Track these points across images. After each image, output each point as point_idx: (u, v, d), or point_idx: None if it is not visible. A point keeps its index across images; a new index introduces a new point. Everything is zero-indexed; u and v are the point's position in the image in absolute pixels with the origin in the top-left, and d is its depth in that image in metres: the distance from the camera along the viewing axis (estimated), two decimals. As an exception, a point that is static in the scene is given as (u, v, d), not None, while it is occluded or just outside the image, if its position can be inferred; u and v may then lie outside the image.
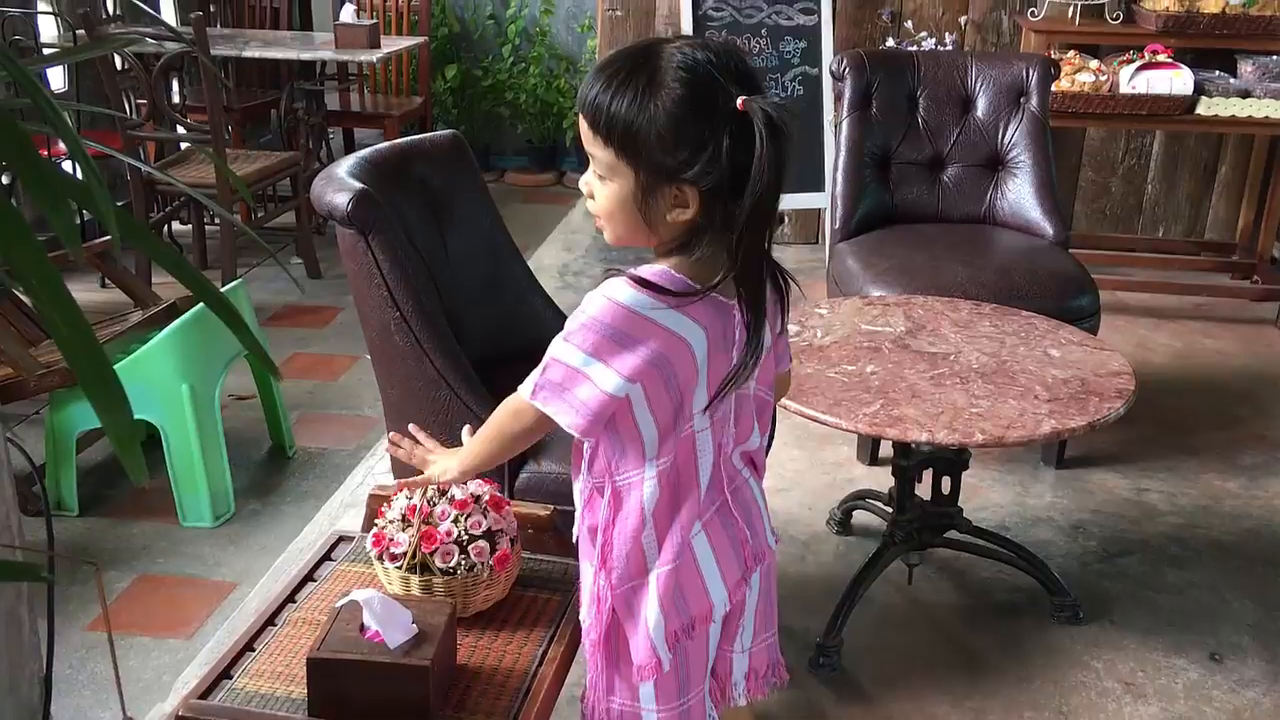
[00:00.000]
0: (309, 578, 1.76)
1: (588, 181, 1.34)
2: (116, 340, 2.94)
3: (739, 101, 1.22)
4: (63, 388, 2.76)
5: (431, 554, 1.59)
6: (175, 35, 3.94)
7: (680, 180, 1.26)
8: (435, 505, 1.62)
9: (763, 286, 1.33)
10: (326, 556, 1.81)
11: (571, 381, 1.31)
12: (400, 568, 1.60)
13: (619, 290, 1.29)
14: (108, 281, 3.78)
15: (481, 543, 1.59)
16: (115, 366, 2.77)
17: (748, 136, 1.22)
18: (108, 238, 2.59)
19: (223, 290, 3.02)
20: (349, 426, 3.37)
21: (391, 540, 1.61)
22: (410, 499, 1.64)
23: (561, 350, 1.32)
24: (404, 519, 1.61)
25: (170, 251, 0.81)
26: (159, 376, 2.75)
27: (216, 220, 4.45)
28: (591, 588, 1.45)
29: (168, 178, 1.92)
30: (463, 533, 1.60)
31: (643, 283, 1.28)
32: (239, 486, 2.97)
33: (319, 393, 3.58)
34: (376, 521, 1.66)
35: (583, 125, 1.31)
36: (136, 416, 2.80)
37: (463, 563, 1.58)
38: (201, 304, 2.91)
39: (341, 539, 1.86)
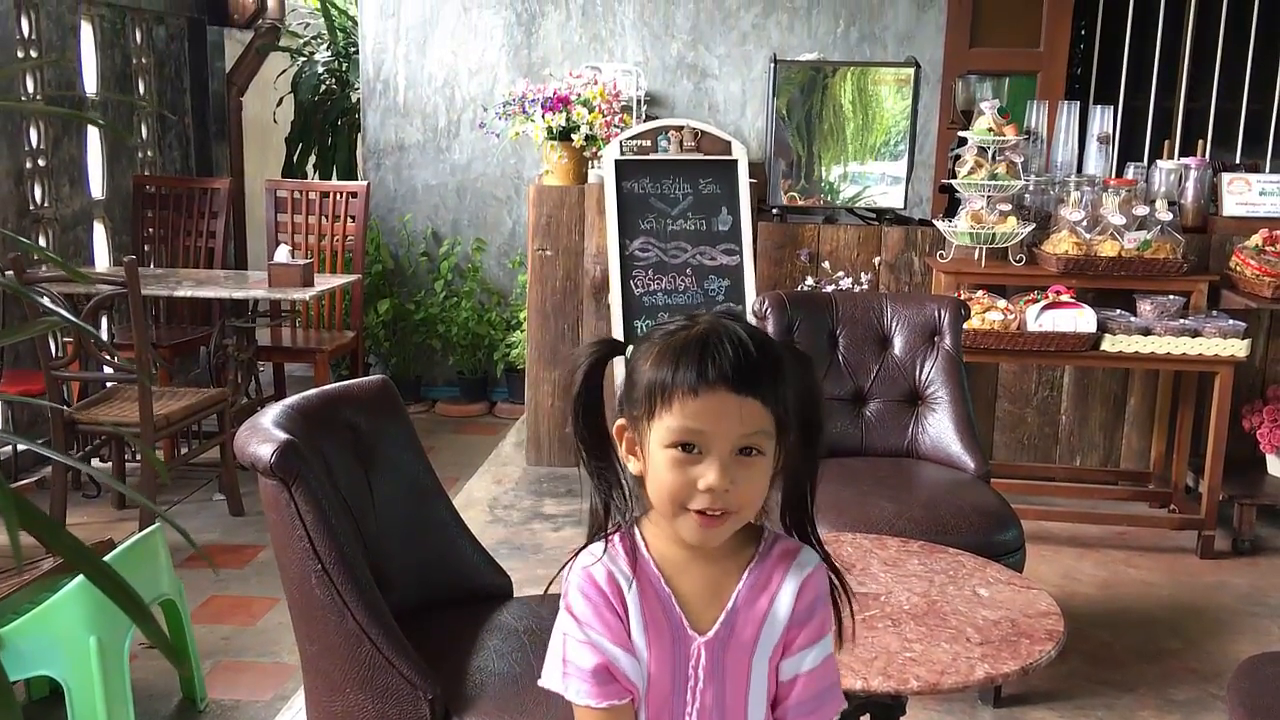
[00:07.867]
0: None
1: (728, 470, 1.22)
2: (25, 589, 2.81)
3: None
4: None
5: None
6: (106, 280, 3.97)
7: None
8: None
9: None
10: (234, 832, 1.70)
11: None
12: None
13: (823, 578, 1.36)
14: (19, 523, 3.65)
15: None
16: (21, 620, 2.63)
17: None
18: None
19: (139, 535, 2.94)
20: (266, 675, 3.22)
21: None
22: None
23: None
24: None
25: (58, 529, 0.79)
26: (65, 629, 2.63)
27: (138, 458, 4.38)
28: None
29: (49, 453, 1.89)
30: None
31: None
32: (144, 745, 2.80)
33: (236, 638, 3.44)
34: None
35: (749, 407, 1.24)
36: (40, 672, 2.67)
37: None
38: (115, 551, 2.83)
39: (251, 811, 1.75)
